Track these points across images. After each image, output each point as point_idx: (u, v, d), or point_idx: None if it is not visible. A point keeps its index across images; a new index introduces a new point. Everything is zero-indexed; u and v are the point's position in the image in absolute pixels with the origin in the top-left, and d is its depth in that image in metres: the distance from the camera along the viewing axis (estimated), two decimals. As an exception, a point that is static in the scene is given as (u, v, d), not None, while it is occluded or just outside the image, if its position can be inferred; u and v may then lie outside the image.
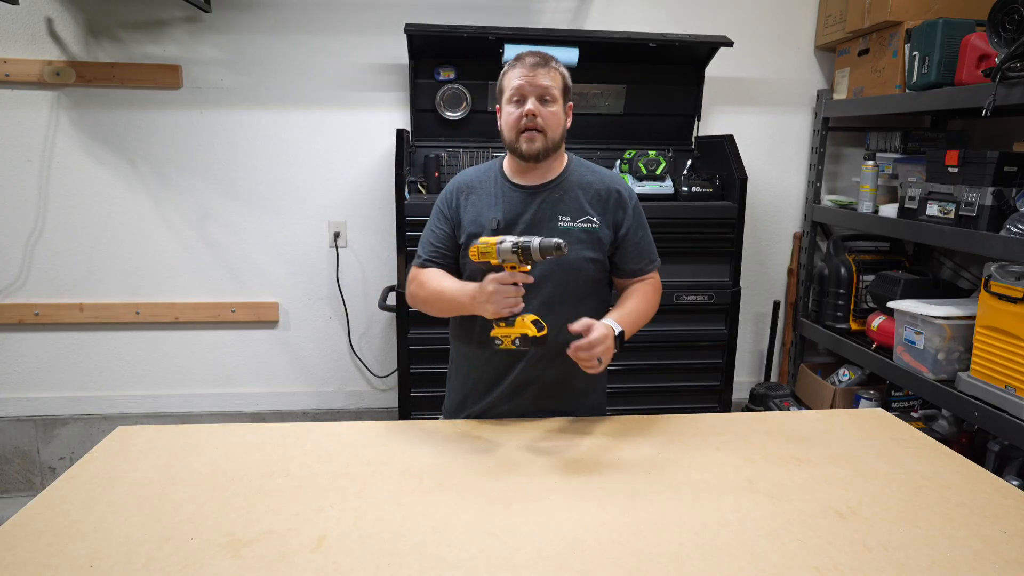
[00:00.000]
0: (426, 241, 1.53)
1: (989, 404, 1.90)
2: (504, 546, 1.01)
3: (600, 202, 1.49)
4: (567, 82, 1.46)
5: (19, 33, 2.46)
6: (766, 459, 1.30)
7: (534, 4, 2.65)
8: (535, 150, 1.42)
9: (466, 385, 1.58)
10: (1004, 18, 1.83)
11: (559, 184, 1.49)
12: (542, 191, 1.48)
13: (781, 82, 2.80)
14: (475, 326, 1.51)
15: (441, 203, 1.54)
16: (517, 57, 1.45)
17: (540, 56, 1.43)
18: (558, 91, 1.43)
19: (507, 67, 1.46)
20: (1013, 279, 1.84)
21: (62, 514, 1.08)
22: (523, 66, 1.41)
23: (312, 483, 1.19)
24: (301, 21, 2.57)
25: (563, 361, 1.43)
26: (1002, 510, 1.13)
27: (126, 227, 2.64)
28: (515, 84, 1.41)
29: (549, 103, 1.42)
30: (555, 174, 1.50)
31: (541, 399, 1.52)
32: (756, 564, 0.97)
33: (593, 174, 1.53)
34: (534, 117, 1.40)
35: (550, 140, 1.43)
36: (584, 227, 1.48)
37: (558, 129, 1.44)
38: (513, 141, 1.44)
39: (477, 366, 1.55)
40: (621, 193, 1.51)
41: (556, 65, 1.44)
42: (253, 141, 2.64)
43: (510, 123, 1.43)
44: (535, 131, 1.41)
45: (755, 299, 2.94)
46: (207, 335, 2.76)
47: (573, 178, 1.50)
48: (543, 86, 1.40)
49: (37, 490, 2.58)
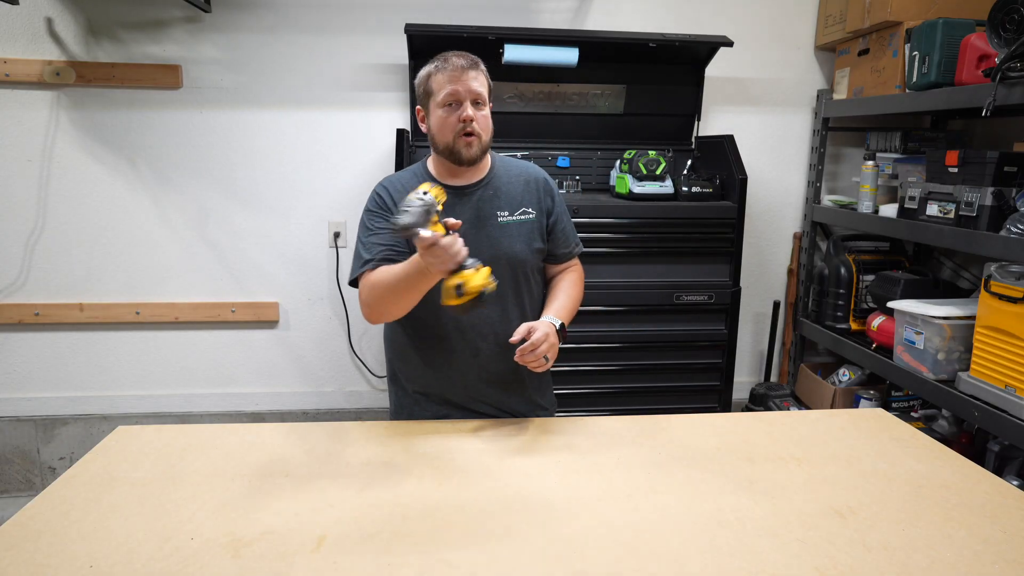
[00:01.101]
0: (369, 244, 1.46)
1: (989, 404, 1.90)
2: (504, 546, 1.01)
3: (531, 192, 1.54)
4: (491, 84, 1.49)
5: (19, 33, 2.46)
6: (766, 459, 1.30)
7: (534, 4, 2.65)
8: (473, 155, 1.44)
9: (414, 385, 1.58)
10: (1004, 18, 1.83)
11: (490, 181, 1.52)
12: (475, 190, 1.50)
13: (781, 82, 2.80)
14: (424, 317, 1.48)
15: (372, 207, 1.51)
16: (443, 57, 1.43)
17: (468, 58, 1.43)
18: (487, 94, 1.45)
19: (433, 68, 1.44)
20: (1013, 279, 1.84)
21: (62, 514, 1.08)
22: (453, 68, 1.41)
23: (312, 483, 1.19)
24: (301, 21, 2.57)
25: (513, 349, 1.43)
26: (1002, 510, 1.13)
27: (126, 227, 2.64)
28: (449, 88, 1.40)
29: (481, 106, 1.43)
30: (484, 172, 1.52)
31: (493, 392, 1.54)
32: (756, 564, 0.97)
33: (516, 167, 1.58)
34: (471, 121, 1.41)
35: (485, 143, 1.46)
36: (523, 219, 1.52)
37: (489, 132, 1.47)
38: (451, 145, 1.43)
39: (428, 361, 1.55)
40: (547, 181, 1.58)
41: (482, 67, 1.46)
42: (253, 141, 2.64)
43: (447, 126, 1.42)
44: (473, 136, 1.42)
45: (755, 299, 2.94)
46: (207, 335, 2.76)
47: (500, 173, 1.54)
48: (476, 91, 1.41)
49: (37, 490, 2.58)
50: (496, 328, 1.50)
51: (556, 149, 2.66)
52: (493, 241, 1.48)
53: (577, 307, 1.58)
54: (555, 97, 2.62)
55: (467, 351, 1.51)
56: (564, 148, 2.67)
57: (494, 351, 1.51)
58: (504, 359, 1.50)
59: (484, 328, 1.50)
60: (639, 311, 2.41)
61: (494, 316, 1.49)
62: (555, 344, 1.41)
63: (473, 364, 1.52)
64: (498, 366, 1.52)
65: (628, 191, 2.44)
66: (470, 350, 1.51)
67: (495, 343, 1.50)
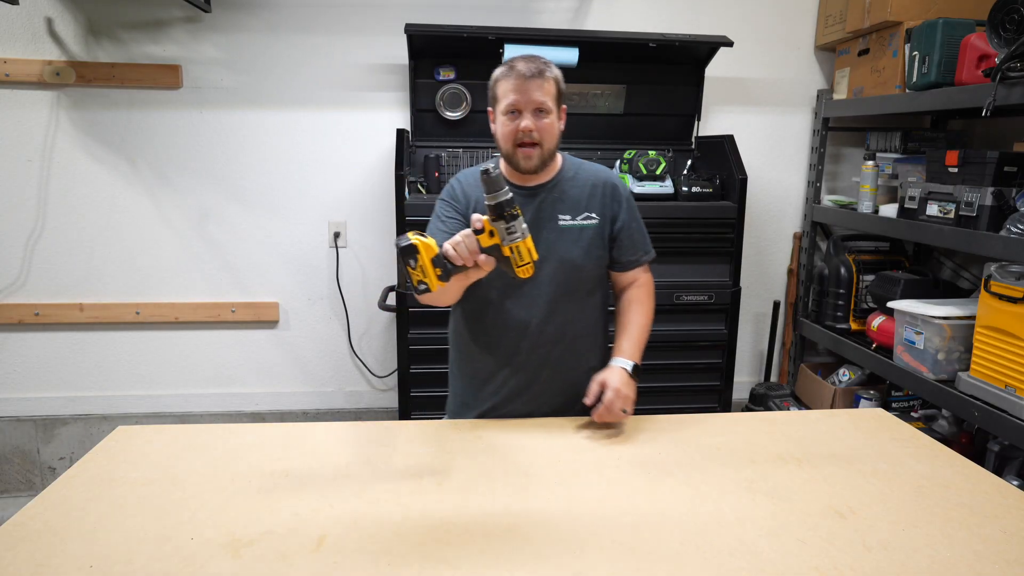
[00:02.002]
0: (433, 231, 1.48)
1: (989, 404, 1.90)
2: (504, 546, 1.01)
3: (596, 197, 1.51)
4: (560, 88, 1.45)
5: (19, 33, 2.46)
6: (766, 459, 1.30)
7: (534, 4, 2.65)
8: (532, 166, 1.43)
9: (470, 385, 1.58)
10: (1004, 18, 1.83)
11: (557, 184, 1.50)
12: (540, 192, 1.49)
13: (781, 82, 2.80)
14: (479, 322, 1.52)
15: (447, 196, 1.54)
16: (510, 64, 1.42)
17: (534, 64, 1.40)
18: (552, 101, 1.42)
19: (500, 73, 1.43)
20: (1013, 279, 1.84)
21: (62, 514, 1.08)
22: (517, 77, 1.39)
23: (312, 483, 1.19)
24: (301, 21, 2.57)
25: (562, 358, 1.48)
26: (1002, 510, 1.13)
27: (126, 227, 2.64)
28: (511, 99, 1.39)
29: (544, 115, 1.41)
30: (552, 174, 1.51)
31: (543, 397, 1.53)
32: (756, 564, 0.97)
33: (586, 171, 1.55)
34: (531, 132, 1.40)
35: (546, 151, 1.44)
36: (585, 223, 1.49)
37: (553, 139, 1.45)
38: (510, 153, 1.44)
39: (478, 365, 1.56)
40: (616, 187, 1.54)
41: (550, 73, 1.42)
42: (253, 141, 2.64)
43: (506, 135, 1.42)
44: (531, 146, 1.41)
45: (755, 299, 2.94)
46: (207, 335, 2.76)
47: (569, 176, 1.52)
48: (538, 100, 1.39)
49: (37, 490, 2.57)
50: (537, 330, 1.48)
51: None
52: (549, 244, 1.45)
53: (649, 329, 1.55)
54: (555, 97, 2.62)
55: (509, 348, 1.51)
56: (564, 148, 2.64)
57: (534, 352, 1.50)
58: (544, 364, 1.50)
59: (526, 328, 1.48)
60: (639, 311, 2.41)
61: (537, 318, 1.48)
62: (629, 396, 1.40)
63: (513, 362, 1.51)
64: (539, 368, 1.51)
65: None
66: (511, 348, 1.51)
67: (535, 344, 1.49)
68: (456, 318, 1.59)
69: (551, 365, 1.51)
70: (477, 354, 1.56)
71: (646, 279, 1.60)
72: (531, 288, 1.46)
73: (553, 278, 1.46)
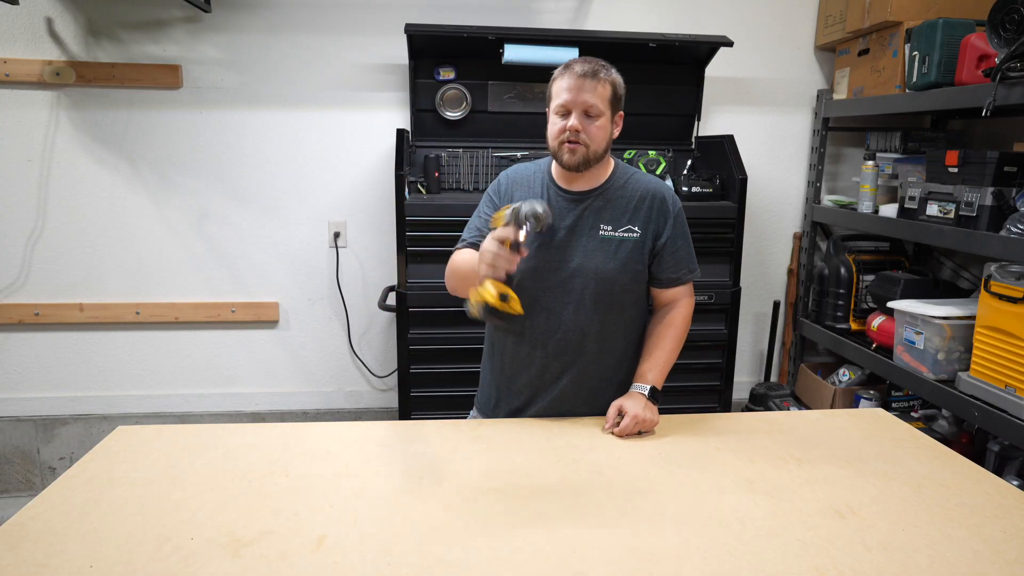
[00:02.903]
0: (471, 227, 1.53)
1: (989, 404, 1.90)
2: (504, 546, 1.01)
3: (643, 210, 1.48)
4: (617, 92, 1.43)
5: (19, 33, 2.46)
6: (766, 459, 1.30)
7: (534, 4, 2.65)
8: (575, 162, 1.42)
9: (499, 379, 1.59)
10: (1004, 18, 1.83)
11: (603, 192, 1.48)
12: (587, 198, 1.48)
13: (781, 82, 2.80)
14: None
15: (492, 192, 1.55)
16: (567, 65, 1.41)
17: (590, 65, 1.39)
18: (604, 104, 1.40)
19: (557, 72, 1.43)
20: (1013, 279, 1.84)
21: (62, 514, 1.08)
22: (571, 76, 1.38)
23: (312, 483, 1.19)
24: (301, 21, 2.57)
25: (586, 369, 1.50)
26: (1002, 510, 1.13)
27: (126, 227, 2.64)
28: (562, 99, 1.39)
29: (594, 118, 1.40)
30: (600, 181, 1.49)
31: (565, 405, 1.53)
32: (756, 564, 0.97)
33: (637, 181, 1.51)
34: (576, 132, 1.39)
35: (592, 153, 1.41)
36: (625, 236, 1.47)
37: (602, 142, 1.42)
38: (556, 151, 1.43)
39: (504, 366, 1.56)
40: (665, 200, 1.50)
41: (606, 75, 1.40)
42: (253, 141, 2.64)
43: (553, 133, 1.42)
44: (576, 144, 1.40)
45: (755, 299, 2.94)
46: (207, 335, 2.76)
47: (618, 185, 1.49)
48: (589, 102, 1.38)
49: (37, 490, 2.58)
50: (564, 333, 1.48)
51: (556, 149, 2.66)
52: (586, 252, 1.45)
53: (676, 354, 1.53)
54: (555, 97, 2.62)
55: (536, 344, 1.50)
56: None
57: (560, 354, 1.50)
58: (568, 367, 1.51)
59: (555, 329, 1.48)
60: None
61: (566, 321, 1.47)
62: (647, 419, 1.40)
63: (539, 360, 1.51)
64: (563, 370, 1.51)
65: (628, 191, 2.44)
66: (540, 345, 1.50)
67: (562, 346, 1.49)
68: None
69: (573, 374, 1.51)
70: (506, 356, 1.56)
71: (687, 302, 1.56)
72: (561, 296, 1.46)
73: (585, 288, 1.45)
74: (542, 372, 1.52)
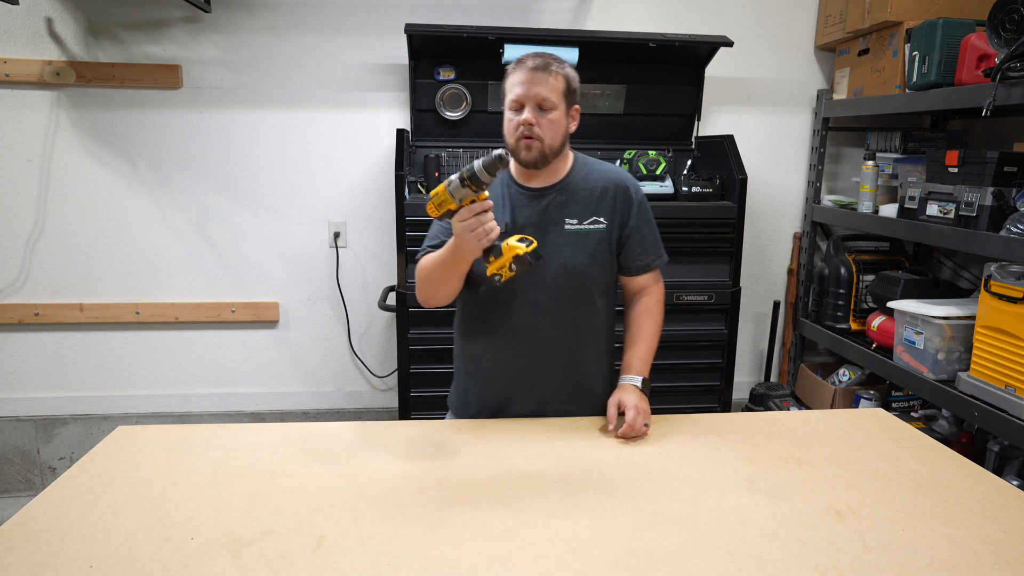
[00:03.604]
0: (432, 234, 1.50)
1: (989, 404, 1.90)
2: (504, 546, 1.01)
3: (607, 200, 1.48)
4: (571, 85, 1.43)
5: (19, 33, 2.46)
6: (766, 459, 1.30)
7: (534, 4, 2.65)
8: (532, 158, 1.41)
9: (473, 384, 1.58)
10: (1004, 18, 1.83)
11: (565, 186, 1.48)
12: (548, 193, 1.47)
13: (781, 82, 2.80)
14: (483, 325, 1.51)
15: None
16: (520, 60, 1.42)
17: (542, 60, 1.39)
18: (558, 97, 1.40)
19: (510, 69, 1.43)
20: (1013, 279, 1.84)
21: (62, 514, 1.08)
22: (523, 71, 1.39)
23: (312, 483, 1.19)
24: (301, 21, 2.57)
25: (566, 363, 1.49)
26: (1002, 510, 1.13)
27: (126, 227, 2.64)
28: (515, 93, 1.39)
29: (548, 111, 1.39)
30: (560, 176, 1.48)
31: (547, 401, 1.52)
32: (756, 564, 0.97)
33: (599, 172, 1.51)
34: (531, 126, 1.38)
35: (548, 147, 1.41)
36: (591, 228, 1.47)
37: (558, 136, 1.42)
38: (513, 148, 1.42)
39: (481, 366, 1.55)
40: (628, 189, 1.50)
41: (559, 68, 1.40)
42: (253, 141, 2.64)
43: (509, 129, 1.42)
44: (532, 139, 1.39)
45: (755, 299, 2.94)
46: (207, 335, 2.76)
47: (579, 178, 1.49)
48: (541, 95, 1.38)
49: (37, 490, 2.58)
50: (538, 333, 1.48)
51: (556, 149, 2.66)
52: (553, 247, 1.44)
53: (657, 341, 1.55)
54: (555, 97, 2.61)
55: (509, 349, 1.50)
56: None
57: (536, 354, 1.49)
58: (546, 367, 1.50)
59: (528, 330, 1.48)
60: (639, 311, 2.41)
61: (540, 321, 1.47)
62: (646, 409, 1.41)
63: (514, 364, 1.50)
64: (541, 371, 1.51)
65: (628, 191, 2.43)
66: (512, 349, 1.50)
67: (537, 346, 1.49)
68: (460, 321, 1.58)
69: (554, 370, 1.51)
70: (480, 356, 1.55)
71: (657, 288, 1.57)
72: (535, 292, 1.45)
73: (556, 283, 1.45)
74: (520, 372, 1.51)
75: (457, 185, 1.23)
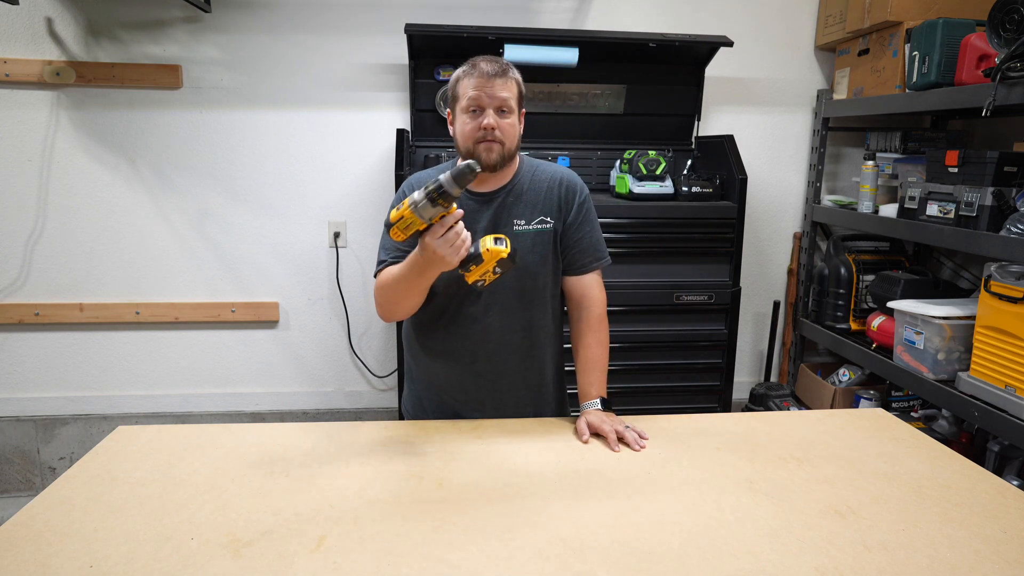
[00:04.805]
0: (388, 247, 1.45)
1: (989, 404, 1.90)
2: (504, 546, 1.01)
3: (553, 199, 1.48)
4: (522, 90, 1.44)
5: (19, 33, 2.46)
6: (766, 459, 1.30)
7: (534, 4, 2.65)
8: (494, 160, 1.40)
9: (428, 391, 1.57)
10: (1004, 18, 1.83)
11: (512, 188, 1.47)
12: (497, 197, 1.46)
13: (781, 82, 2.80)
14: (435, 331, 1.50)
15: (396, 203, 1.51)
16: (472, 63, 1.41)
17: (497, 64, 1.39)
18: (514, 101, 1.40)
19: (461, 72, 1.42)
20: (1013, 279, 1.84)
21: (62, 514, 1.08)
22: (480, 75, 1.38)
23: (312, 483, 1.19)
24: (301, 21, 2.57)
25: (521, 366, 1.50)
26: (1002, 510, 1.13)
27: (126, 227, 2.64)
28: (472, 94, 1.38)
29: (506, 114, 1.39)
30: (508, 178, 1.48)
31: (506, 405, 1.52)
32: (756, 564, 0.97)
33: (545, 172, 1.51)
34: (493, 129, 1.38)
35: (507, 150, 1.41)
36: (538, 228, 1.46)
37: (515, 139, 1.42)
38: (470, 151, 1.41)
39: (436, 374, 1.54)
40: (572, 186, 1.50)
41: (513, 74, 1.41)
42: (253, 141, 2.64)
43: (466, 133, 1.40)
44: (493, 142, 1.39)
45: (755, 299, 2.95)
46: (207, 335, 2.76)
47: (526, 180, 1.49)
48: (501, 98, 1.37)
49: (37, 490, 2.58)
50: (495, 338, 1.48)
51: (556, 149, 2.66)
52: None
53: (607, 358, 1.51)
54: (555, 97, 2.62)
55: (465, 357, 1.50)
56: (564, 148, 2.67)
57: (493, 360, 1.49)
58: (503, 372, 1.50)
59: (484, 336, 1.48)
60: (639, 311, 2.41)
61: (495, 326, 1.47)
62: (620, 420, 1.40)
63: (470, 370, 1.50)
64: (498, 376, 1.51)
65: (628, 191, 2.44)
66: (468, 356, 1.49)
67: (494, 352, 1.49)
68: (409, 328, 1.57)
69: (509, 374, 1.50)
70: (434, 364, 1.54)
71: (599, 299, 1.52)
72: (487, 296, 1.45)
73: (508, 287, 1.43)
74: (476, 379, 1.50)
75: (426, 204, 1.18)
